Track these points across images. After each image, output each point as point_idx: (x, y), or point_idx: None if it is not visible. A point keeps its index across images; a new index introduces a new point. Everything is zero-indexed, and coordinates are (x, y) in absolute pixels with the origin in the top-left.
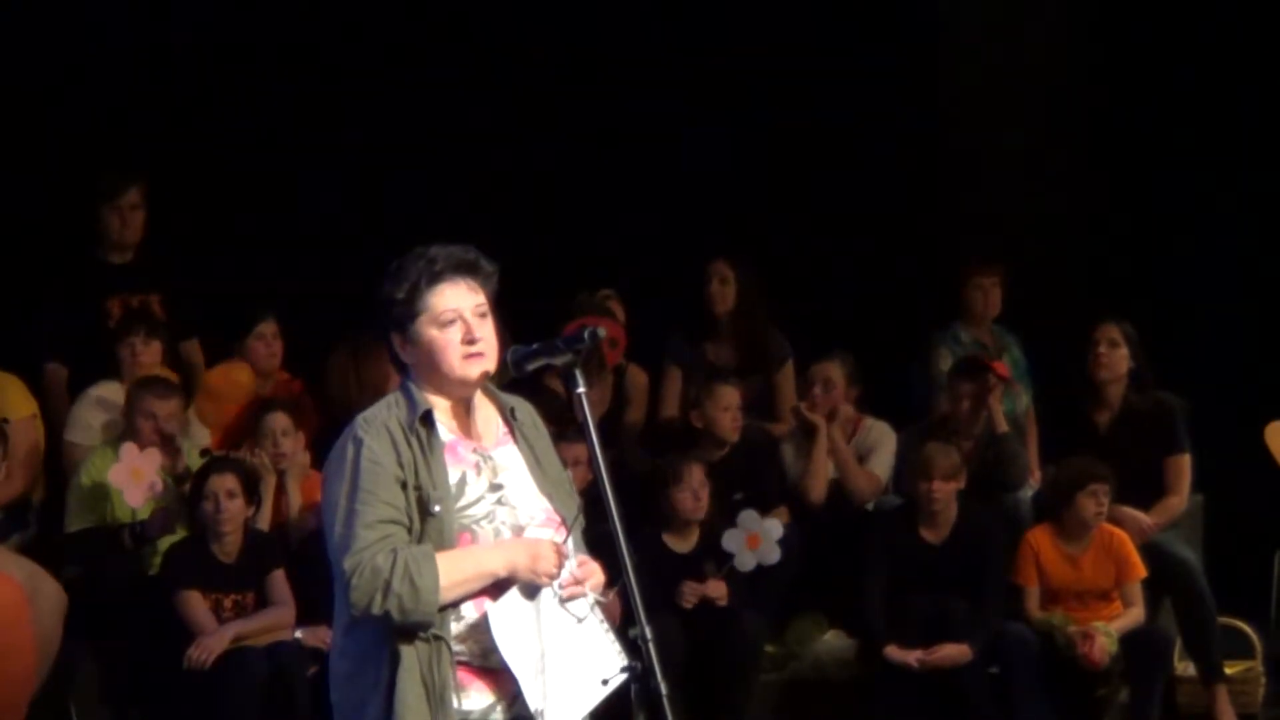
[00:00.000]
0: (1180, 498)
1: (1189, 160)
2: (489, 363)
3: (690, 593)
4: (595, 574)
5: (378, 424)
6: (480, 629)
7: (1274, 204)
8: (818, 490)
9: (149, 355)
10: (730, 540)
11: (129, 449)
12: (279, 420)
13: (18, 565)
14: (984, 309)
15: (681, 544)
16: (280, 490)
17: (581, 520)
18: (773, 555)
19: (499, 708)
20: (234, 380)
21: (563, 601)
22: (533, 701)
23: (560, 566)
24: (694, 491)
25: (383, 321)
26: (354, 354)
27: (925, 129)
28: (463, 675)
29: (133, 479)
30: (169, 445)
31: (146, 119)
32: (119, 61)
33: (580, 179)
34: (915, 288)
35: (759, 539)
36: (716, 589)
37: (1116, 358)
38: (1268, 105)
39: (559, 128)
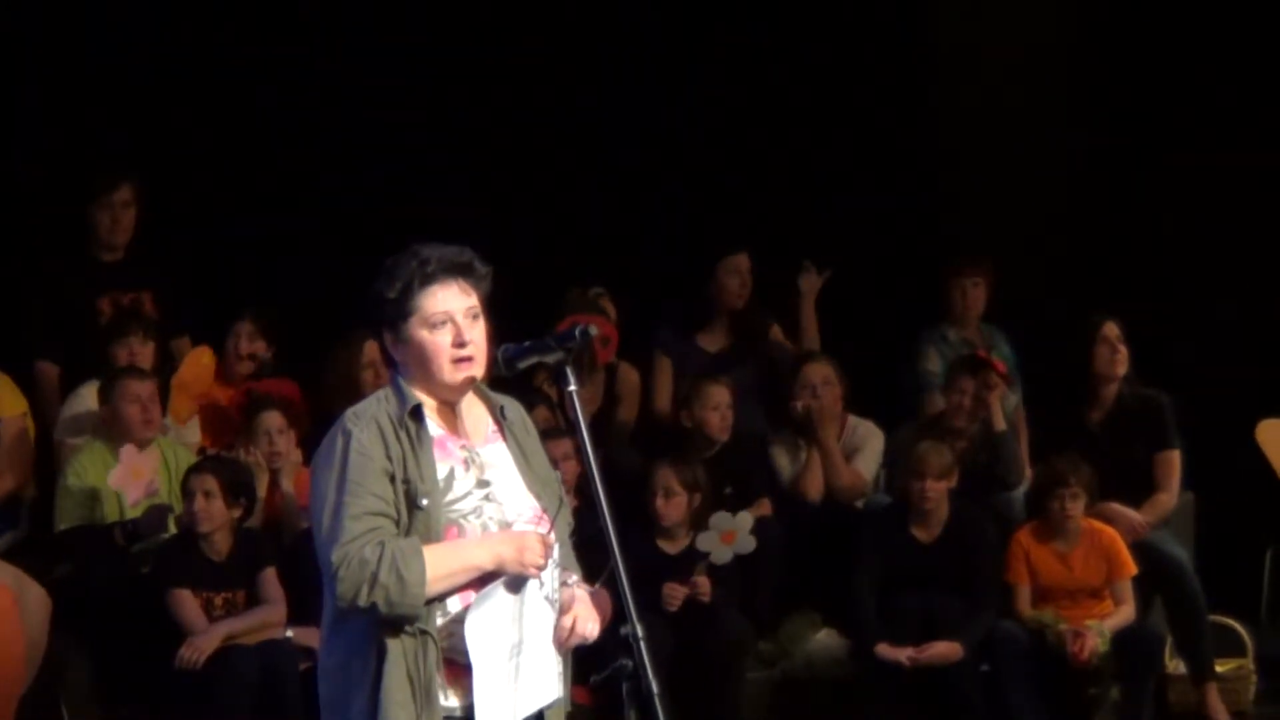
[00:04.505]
0: (1170, 494)
1: (1182, 156)
2: (478, 367)
3: (672, 595)
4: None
5: (367, 417)
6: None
7: (1267, 202)
8: (817, 488)
9: (145, 356)
10: (705, 541)
11: (129, 450)
12: (273, 419)
13: (3, 570)
14: (969, 308)
15: (672, 545)
16: (274, 488)
17: (570, 520)
18: (748, 545)
19: None
20: (198, 364)
21: (547, 595)
22: (482, 713)
23: (547, 557)
24: (662, 494)
25: (374, 318)
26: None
27: (917, 125)
28: (448, 673)
29: (132, 478)
30: (154, 426)
31: (140, 116)
32: (114, 58)
33: (572, 175)
34: (902, 287)
35: (734, 534)
36: (701, 584)
37: (1123, 356)
38: (1264, 105)
39: (551, 123)
